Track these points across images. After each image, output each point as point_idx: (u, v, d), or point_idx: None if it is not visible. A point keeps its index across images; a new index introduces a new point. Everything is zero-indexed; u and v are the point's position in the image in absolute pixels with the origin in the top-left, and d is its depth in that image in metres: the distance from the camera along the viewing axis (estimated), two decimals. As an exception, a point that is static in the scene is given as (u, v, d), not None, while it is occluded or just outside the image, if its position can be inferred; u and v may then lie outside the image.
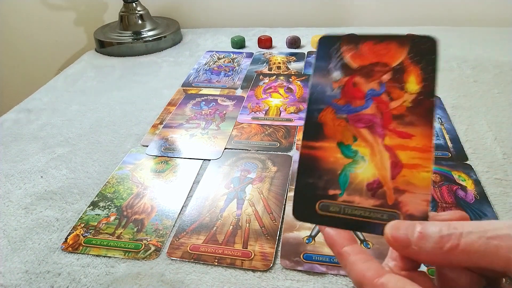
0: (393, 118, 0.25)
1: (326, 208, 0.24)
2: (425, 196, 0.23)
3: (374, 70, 0.26)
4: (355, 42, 0.26)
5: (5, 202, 0.47)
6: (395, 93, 0.25)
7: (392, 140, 0.24)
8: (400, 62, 0.25)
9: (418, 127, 0.24)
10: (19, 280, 0.37)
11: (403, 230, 0.21)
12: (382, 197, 0.24)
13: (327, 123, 0.25)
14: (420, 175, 0.24)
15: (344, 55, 0.26)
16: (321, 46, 0.27)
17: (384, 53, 0.26)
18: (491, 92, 0.63)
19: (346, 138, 0.25)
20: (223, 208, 0.44)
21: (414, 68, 0.25)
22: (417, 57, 0.25)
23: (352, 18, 0.97)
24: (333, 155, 0.25)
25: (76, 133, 0.59)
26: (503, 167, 0.47)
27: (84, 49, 1.08)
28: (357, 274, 0.21)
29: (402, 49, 0.25)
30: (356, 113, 0.25)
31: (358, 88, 0.26)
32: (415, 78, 0.25)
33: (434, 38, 0.25)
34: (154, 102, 0.67)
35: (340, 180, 0.24)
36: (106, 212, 0.44)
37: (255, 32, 0.94)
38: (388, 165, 0.24)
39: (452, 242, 0.20)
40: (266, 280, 0.36)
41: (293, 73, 0.74)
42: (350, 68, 0.26)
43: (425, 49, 0.25)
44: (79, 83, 0.76)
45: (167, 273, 0.37)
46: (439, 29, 0.90)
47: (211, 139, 0.56)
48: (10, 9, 1.05)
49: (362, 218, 0.23)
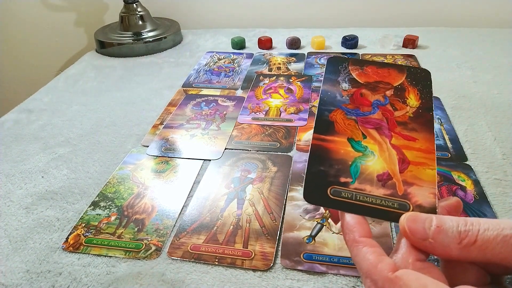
0: (398, 124, 0.27)
1: (338, 194, 0.25)
2: (432, 189, 0.25)
3: (379, 86, 0.29)
4: (360, 64, 0.31)
5: (6, 202, 0.47)
6: (398, 105, 0.28)
7: (398, 140, 0.27)
8: (401, 83, 0.29)
9: (421, 133, 0.27)
10: (20, 279, 0.37)
11: (420, 223, 0.22)
12: (392, 187, 0.25)
13: (337, 121, 0.28)
14: (426, 171, 0.25)
15: (351, 72, 0.30)
16: (330, 63, 0.31)
17: (386, 75, 0.30)
18: (490, 93, 0.63)
19: (356, 135, 0.27)
20: (223, 208, 0.44)
21: (413, 89, 0.29)
22: (414, 82, 0.29)
23: (352, 19, 0.97)
24: (343, 148, 0.27)
25: (76, 133, 0.59)
26: (503, 167, 0.47)
27: (85, 49, 1.08)
28: (369, 263, 0.21)
29: (401, 74, 0.30)
30: (364, 116, 0.28)
31: (365, 98, 0.29)
32: (414, 96, 0.29)
33: (427, 70, 0.30)
34: (155, 103, 0.67)
35: (351, 170, 0.26)
36: (107, 212, 0.44)
37: (255, 33, 0.94)
38: (396, 160, 0.26)
39: (469, 238, 0.20)
40: (267, 280, 0.36)
41: (293, 73, 0.74)
42: (357, 82, 0.30)
43: (420, 77, 0.30)
44: (80, 83, 0.76)
45: (168, 273, 0.37)
46: (439, 30, 0.90)
47: (211, 139, 0.56)
48: (11, 9, 1.05)
49: (374, 205, 0.24)
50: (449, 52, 0.79)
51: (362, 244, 0.22)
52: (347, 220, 0.24)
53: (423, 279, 0.19)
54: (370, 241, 0.22)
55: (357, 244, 0.22)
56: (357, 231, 0.23)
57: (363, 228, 0.23)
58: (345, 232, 0.23)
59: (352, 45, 0.83)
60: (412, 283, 0.19)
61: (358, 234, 0.23)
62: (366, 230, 0.23)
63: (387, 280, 0.20)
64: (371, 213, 0.24)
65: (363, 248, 0.22)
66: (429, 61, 0.76)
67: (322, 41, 0.84)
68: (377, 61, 0.30)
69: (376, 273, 0.21)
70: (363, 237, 0.22)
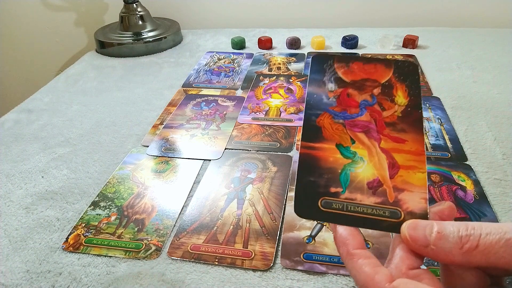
0: (386, 125, 0.27)
1: (329, 206, 0.24)
2: (422, 194, 0.24)
3: (365, 84, 0.28)
4: (346, 61, 0.29)
5: (6, 202, 0.47)
6: (386, 104, 0.27)
7: (387, 143, 0.26)
8: (388, 79, 0.28)
9: (410, 134, 0.26)
10: (20, 279, 0.37)
11: (420, 230, 0.22)
12: (383, 195, 0.24)
13: (325, 126, 0.27)
14: (416, 175, 0.25)
15: (337, 70, 0.29)
16: (314, 62, 0.29)
17: (372, 72, 0.29)
18: (490, 93, 0.63)
19: (344, 141, 0.26)
20: (223, 208, 0.44)
21: (401, 85, 0.28)
22: (402, 77, 0.28)
23: (352, 19, 0.97)
24: (332, 155, 0.26)
25: (76, 133, 0.59)
26: (503, 167, 0.47)
27: (85, 49, 1.08)
28: (365, 276, 0.21)
29: (388, 70, 0.28)
30: (352, 119, 0.27)
31: (352, 99, 0.28)
32: (402, 93, 0.28)
33: (414, 63, 0.28)
34: (155, 103, 0.67)
35: (341, 179, 0.25)
36: (107, 212, 0.44)
37: (255, 33, 0.94)
38: (386, 165, 0.25)
39: (471, 243, 0.20)
40: (267, 280, 0.36)
41: (293, 73, 0.74)
42: (343, 81, 0.28)
43: (408, 71, 0.28)
44: (80, 83, 0.76)
45: (168, 273, 0.37)
46: (439, 30, 0.90)
47: (211, 139, 0.56)
48: (11, 9, 1.05)
49: (365, 215, 0.24)
50: (449, 52, 0.79)
51: (357, 256, 0.22)
52: (339, 233, 0.23)
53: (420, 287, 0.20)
54: (365, 253, 0.22)
55: (351, 257, 0.22)
56: (350, 243, 0.22)
57: (356, 239, 0.23)
58: (339, 245, 0.23)
59: (352, 45, 0.83)
60: None
61: (352, 246, 0.22)
62: (360, 242, 0.23)
63: None
64: (363, 223, 0.24)
65: (358, 261, 0.22)
66: (429, 61, 0.76)
67: (322, 41, 0.84)
68: (363, 57, 0.29)
69: (373, 285, 0.20)
70: (357, 249, 0.22)
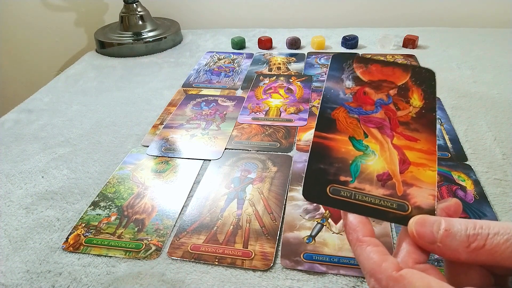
0: (400, 124, 0.27)
1: (337, 193, 0.25)
2: (431, 191, 0.24)
3: (382, 85, 0.29)
4: (365, 62, 0.30)
5: (6, 202, 0.47)
6: (401, 105, 0.28)
7: (400, 141, 0.27)
8: (405, 82, 0.29)
9: (423, 134, 0.27)
10: (20, 279, 0.37)
11: (428, 226, 0.22)
12: (392, 188, 0.25)
13: (339, 119, 0.28)
14: (426, 172, 0.25)
15: (355, 70, 0.30)
16: (334, 60, 0.30)
17: (390, 74, 0.29)
18: (490, 93, 0.63)
19: (357, 134, 0.27)
20: (223, 208, 0.44)
21: (417, 89, 0.29)
22: (419, 81, 0.29)
23: (352, 19, 0.97)
24: (344, 146, 0.27)
25: (76, 133, 0.59)
26: (503, 167, 0.47)
27: (85, 49, 1.08)
28: (373, 262, 0.21)
29: (406, 74, 0.29)
30: (367, 115, 0.28)
31: (368, 97, 0.29)
32: (418, 96, 0.28)
33: (432, 70, 0.29)
34: (155, 103, 0.67)
35: (351, 169, 0.26)
36: (107, 212, 0.44)
37: (255, 33, 0.94)
38: (396, 161, 0.26)
39: (478, 242, 0.20)
40: (267, 280, 0.36)
41: (293, 73, 0.74)
42: (361, 80, 0.29)
43: (425, 77, 0.29)
44: (80, 83, 0.76)
45: (168, 273, 0.37)
46: (439, 30, 0.90)
47: (211, 139, 0.56)
48: (11, 10, 1.05)
49: (372, 205, 0.24)
50: (449, 52, 0.79)
51: (366, 243, 0.22)
52: (350, 220, 0.24)
53: (427, 278, 0.20)
54: (374, 241, 0.22)
55: (360, 243, 0.22)
56: (360, 230, 0.23)
57: (366, 227, 0.23)
58: (348, 231, 0.23)
59: (352, 45, 0.83)
60: (416, 282, 0.19)
61: (361, 233, 0.23)
62: (369, 230, 0.23)
63: (391, 279, 0.20)
64: (369, 212, 0.24)
65: (366, 248, 0.22)
66: (429, 61, 0.76)
67: (322, 41, 0.84)
68: (382, 60, 0.30)
69: (380, 272, 0.20)
70: (367, 237, 0.22)
